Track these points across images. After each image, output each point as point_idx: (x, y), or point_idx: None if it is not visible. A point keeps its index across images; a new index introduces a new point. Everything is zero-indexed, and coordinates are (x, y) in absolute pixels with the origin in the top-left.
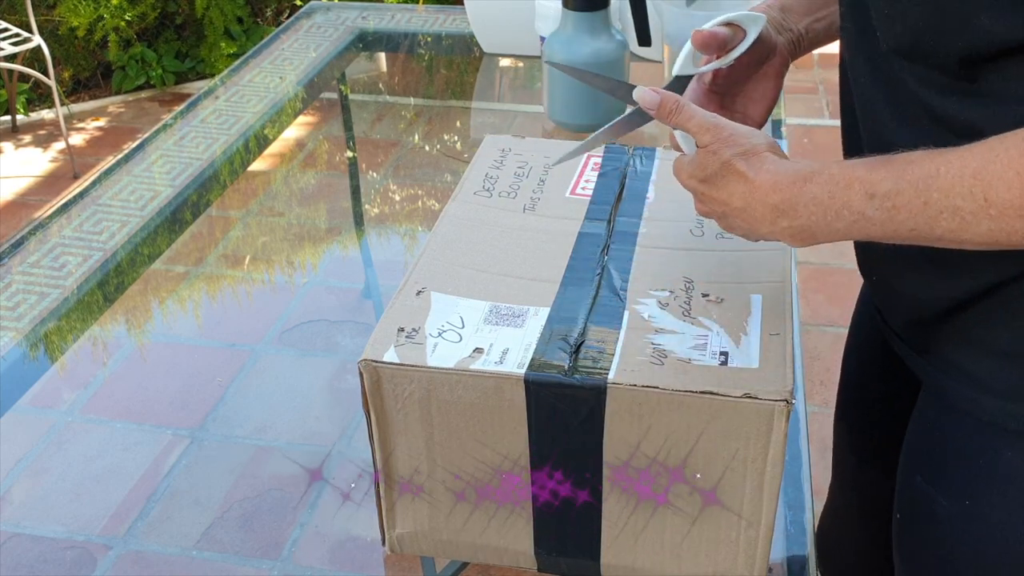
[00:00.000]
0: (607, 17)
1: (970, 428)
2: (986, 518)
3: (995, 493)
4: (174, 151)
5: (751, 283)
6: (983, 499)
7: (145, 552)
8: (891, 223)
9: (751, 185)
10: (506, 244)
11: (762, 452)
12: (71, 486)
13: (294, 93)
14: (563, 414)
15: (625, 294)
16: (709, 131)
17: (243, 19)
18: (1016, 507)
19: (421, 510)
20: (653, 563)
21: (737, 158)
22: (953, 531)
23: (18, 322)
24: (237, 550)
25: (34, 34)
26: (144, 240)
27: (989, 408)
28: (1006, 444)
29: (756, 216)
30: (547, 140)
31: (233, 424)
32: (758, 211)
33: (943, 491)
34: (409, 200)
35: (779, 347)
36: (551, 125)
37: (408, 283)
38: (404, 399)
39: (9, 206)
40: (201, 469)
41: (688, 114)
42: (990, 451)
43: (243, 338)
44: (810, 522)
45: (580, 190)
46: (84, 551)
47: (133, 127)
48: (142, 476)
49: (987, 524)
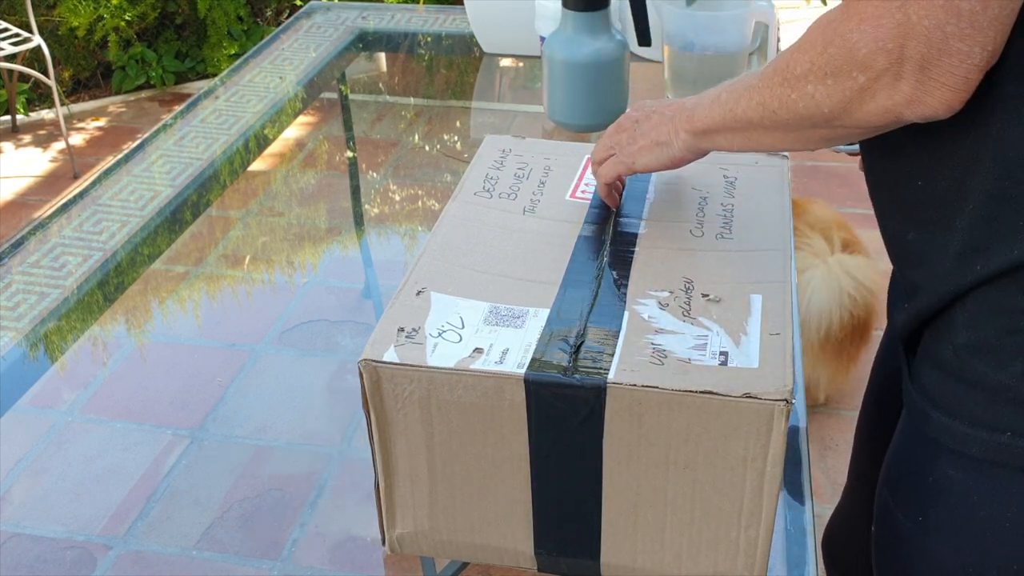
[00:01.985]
0: (607, 17)
1: (922, 444)
2: (939, 535)
3: (943, 510)
4: (174, 151)
5: (751, 283)
6: (933, 516)
7: (145, 552)
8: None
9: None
10: (506, 245)
11: (762, 452)
12: (71, 486)
13: (294, 93)
14: (563, 414)
15: (625, 294)
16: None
17: (243, 18)
18: (963, 525)
19: (421, 510)
20: (653, 563)
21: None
22: (912, 547)
23: (18, 322)
24: (237, 550)
25: (34, 34)
26: (144, 240)
27: (935, 424)
28: (949, 462)
29: (646, 108)
30: (547, 141)
31: (233, 424)
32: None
33: (902, 506)
34: (409, 200)
35: (779, 347)
36: (551, 125)
37: (408, 283)
38: (404, 399)
39: (9, 206)
40: (201, 469)
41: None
42: (937, 468)
43: (243, 338)
44: (810, 522)
45: (580, 193)
46: (84, 551)
47: (133, 127)
48: (142, 476)
49: (940, 542)
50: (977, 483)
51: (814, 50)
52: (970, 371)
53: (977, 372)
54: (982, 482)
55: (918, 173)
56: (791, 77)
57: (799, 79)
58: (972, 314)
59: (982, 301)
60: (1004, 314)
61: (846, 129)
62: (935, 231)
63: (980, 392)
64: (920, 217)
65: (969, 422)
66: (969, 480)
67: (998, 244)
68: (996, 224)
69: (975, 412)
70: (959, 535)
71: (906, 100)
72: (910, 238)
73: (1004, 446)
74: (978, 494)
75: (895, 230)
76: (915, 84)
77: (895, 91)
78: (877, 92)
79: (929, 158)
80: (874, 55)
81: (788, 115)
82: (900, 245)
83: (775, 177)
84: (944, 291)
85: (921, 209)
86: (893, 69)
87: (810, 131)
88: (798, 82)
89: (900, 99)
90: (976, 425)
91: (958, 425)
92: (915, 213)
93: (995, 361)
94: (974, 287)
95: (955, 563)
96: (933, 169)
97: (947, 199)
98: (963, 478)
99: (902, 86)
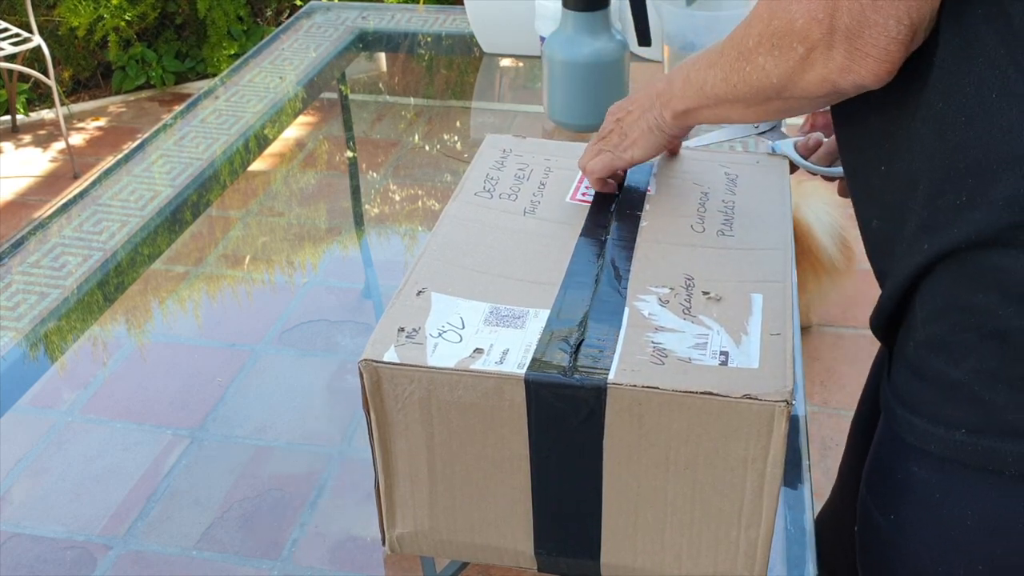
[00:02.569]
0: (607, 17)
1: (891, 441)
2: (910, 533)
3: (912, 508)
4: (174, 151)
5: (752, 282)
6: (904, 514)
7: (145, 552)
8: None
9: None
10: (506, 246)
11: (762, 452)
12: (71, 486)
13: (294, 93)
14: (563, 414)
15: (625, 289)
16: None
17: (243, 18)
18: (930, 523)
19: (421, 510)
20: (653, 563)
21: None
22: (888, 545)
23: (18, 322)
24: (237, 550)
25: (34, 34)
26: (144, 240)
27: (900, 421)
28: (914, 460)
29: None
30: (548, 141)
31: (233, 424)
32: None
33: (877, 504)
34: (409, 200)
35: (779, 348)
36: (551, 125)
37: (408, 283)
38: (404, 399)
39: (9, 206)
40: (201, 469)
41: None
42: (905, 466)
43: (243, 338)
44: (810, 522)
45: (580, 196)
46: (84, 551)
47: (133, 127)
48: (142, 476)
49: (911, 539)
50: (940, 481)
51: (761, 22)
52: (928, 368)
53: (934, 369)
54: (944, 480)
55: (883, 158)
56: (744, 50)
57: (751, 52)
58: (929, 311)
59: (936, 296)
60: (956, 310)
61: (796, 100)
62: (895, 215)
63: (937, 389)
64: (884, 201)
65: (929, 419)
66: (932, 478)
67: (944, 225)
68: (941, 203)
69: (933, 409)
70: (928, 533)
71: (839, 68)
72: (874, 226)
73: (959, 443)
74: (940, 492)
75: (865, 217)
76: (845, 54)
77: (829, 60)
78: (815, 62)
79: (890, 143)
80: (809, 26)
81: (746, 88)
82: (870, 233)
83: (776, 176)
84: (902, 276)
85: (884, 193)
86: (826, 39)
87: (766, 104)
88: (751, 54)
89: (834, 67)
90: (935, 422)
91: (919, 422)
92: (880, 198)
93: (949, 358)
94: (924, 274)
95: (926, 561)
96: (892, 153)
97: (904, 182)
98: (927, 476)
99: (835, 55)
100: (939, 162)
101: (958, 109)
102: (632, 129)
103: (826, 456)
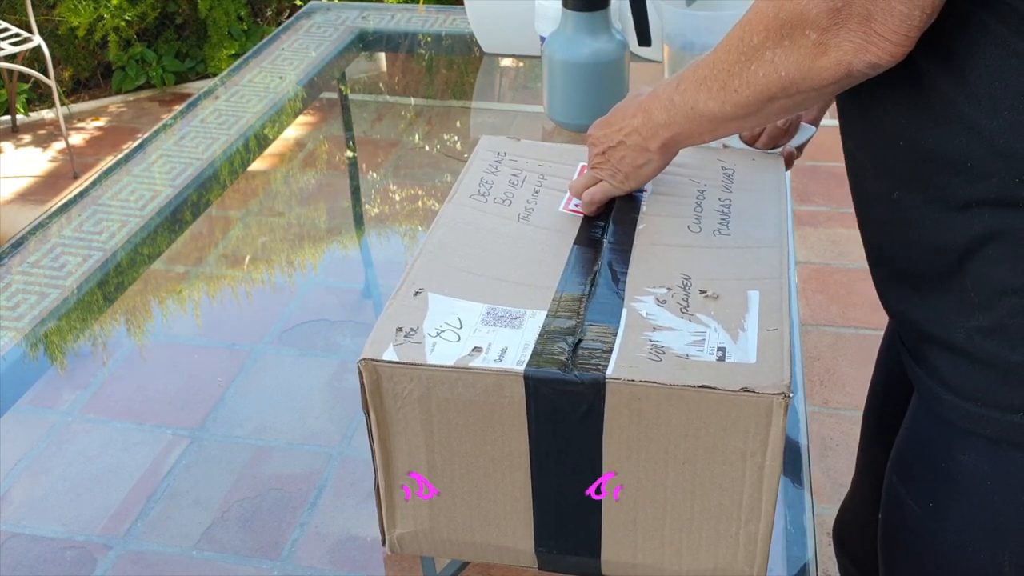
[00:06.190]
0: (607, 17)
1: (934, 428)
2: (949, 523)
3: (955, 497)
4: (174, 151)
5: (748, 279)
6: (944, 503)
7: (145, 552)
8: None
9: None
10: (501, 249)
11: (761, 446)
12: (71, 486)
13: (294, 93)
14: (563, 410)
15: (623, 291)
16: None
17: (243, 18)
18: (975, 511)
19: (421, 510)
20: (653, 559)
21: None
22: (921, 534)
23: (18, 322)
24: (237, 550)
25: (34, 34)
26: (144, 240)
27: (948, 405)
28: (961, 447)
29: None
30: (542, 143)
31: (233, 424)
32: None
33: (912, 493)
34: (409, 200)
35: (776, 342)
36: (551, 125)
37: (405, 284)
38: (404, 398)
39: (9, 206)
40: (201, 469)
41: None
42: (950, 453)
43: (243, 338)
44: (810, 522)
45: (573, 206)
46: (84, 551)
47: (133, 127)
48: (142, 476)
49: (950, 529)
50: (991, 465)
51: (766, 18)
52: (982, 352)
53: (989, 353)
54: (996, 464)
55: (909, 132)
56: (748, 50)
57: (757, 49)
58: (984, 296)
59: (991, 279)
60: (1010, 293)
61: (802, 94)
62: (926, 189)
63: (992, 373)
64: (908, 176)
65: (983, 403)
66: (984, 464)
67: (997, 203)
68: (996, 181)
69: (987, 392)
70: (970, 520)
71: (855, 49)
72: (895, 196)
73: (1016, 425)
74: (992, 478)
75: (881, 191)
76: (862, 35)
77: (845, 42)
78: (829, 47)
79: (925, 116)
80: (823, 13)
81: (749, 91)
82: (887, 205)
83: (772, 173)
84: (948, 248)
85: (910, 167)
86: (841, 24)
87: (768, 105)
88: (756, 52)
89: (850, 48)
90: (988, 405)
91: (970, 406)
92: (901, 173)
93: (1007, 341)
94: (972, 253)
95: (965, 550)
96: (925, 128)
97: (941, 156)
98: (976, 461)
99: (852, 37)
100: (989, 141)
101: (1017, 90)
102: (622, 164)
103: (826, 456)
